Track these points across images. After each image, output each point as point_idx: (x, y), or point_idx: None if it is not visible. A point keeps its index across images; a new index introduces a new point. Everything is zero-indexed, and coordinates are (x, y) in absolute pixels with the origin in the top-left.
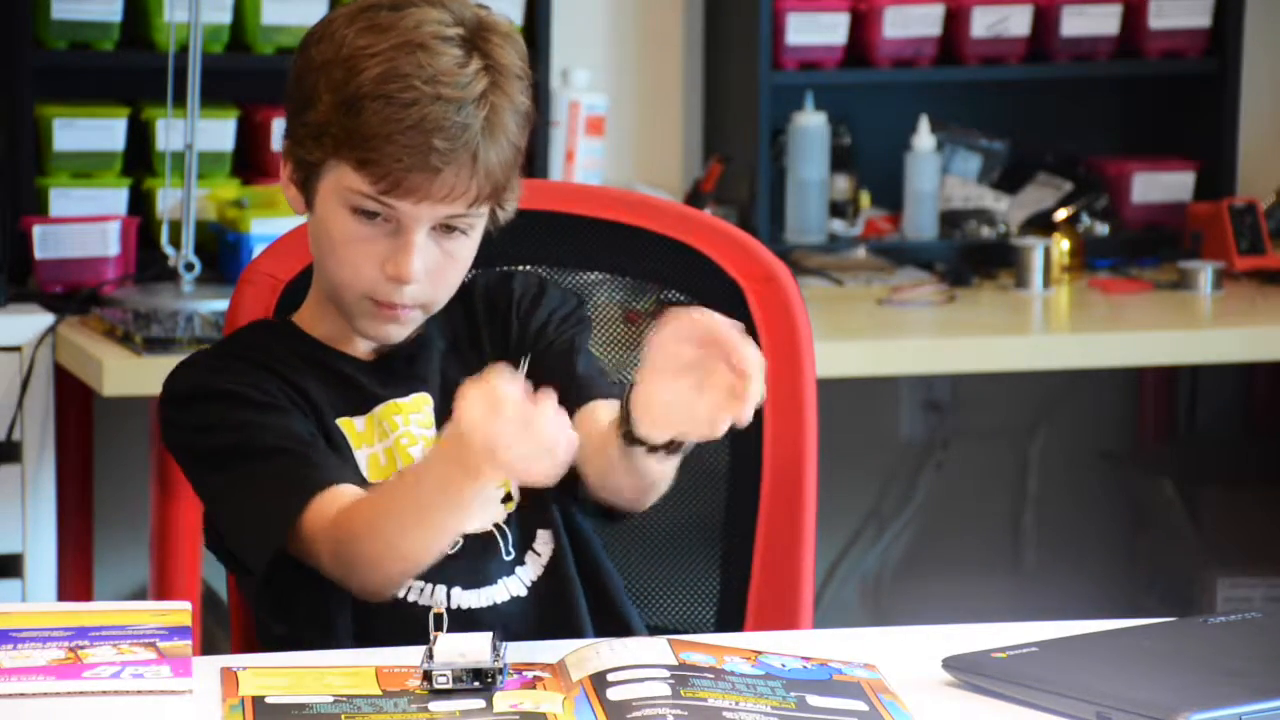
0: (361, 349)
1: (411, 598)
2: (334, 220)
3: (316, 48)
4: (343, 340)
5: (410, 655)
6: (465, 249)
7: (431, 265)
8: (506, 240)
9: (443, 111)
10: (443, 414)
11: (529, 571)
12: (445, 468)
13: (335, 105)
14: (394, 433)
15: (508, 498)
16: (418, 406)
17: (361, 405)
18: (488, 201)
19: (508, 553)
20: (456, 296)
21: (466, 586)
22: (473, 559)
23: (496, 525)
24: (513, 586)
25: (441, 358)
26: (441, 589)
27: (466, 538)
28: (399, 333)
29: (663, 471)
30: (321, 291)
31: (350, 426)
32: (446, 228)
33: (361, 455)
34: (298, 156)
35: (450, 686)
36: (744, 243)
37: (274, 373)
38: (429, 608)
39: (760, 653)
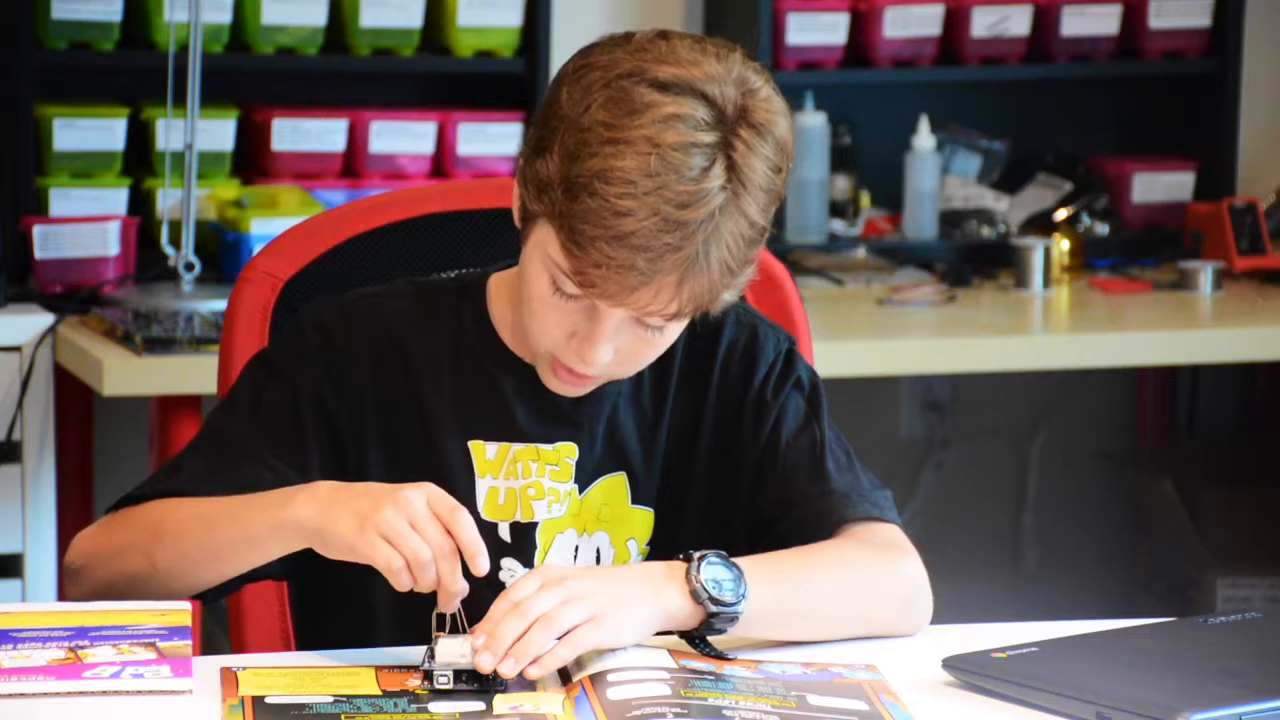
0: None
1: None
2: (534, 278)
3: (568, 91)
4: (524, 343)
5: (410, 655)
6: (665, 338)
7: (623, 348)
8: (505, 240)
9: (656, 230)
10: (588, 463)
11: None
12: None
13: (559, 175)
14: (525, 478)
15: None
16: (558, 458)
17: (501, 434)
18: (689, 316)
19: None
20: None
21: None
22: None
23: None
24: None
25: (617, 398)
26: None
27: None
28: (584, 392)
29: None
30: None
31: (481, 451)
32: (645, 321)
33: (483, 485)
34: (522, 192)
35: (451, 687)
36: None
37: (406, 363)
38: None
39: (760, 662)
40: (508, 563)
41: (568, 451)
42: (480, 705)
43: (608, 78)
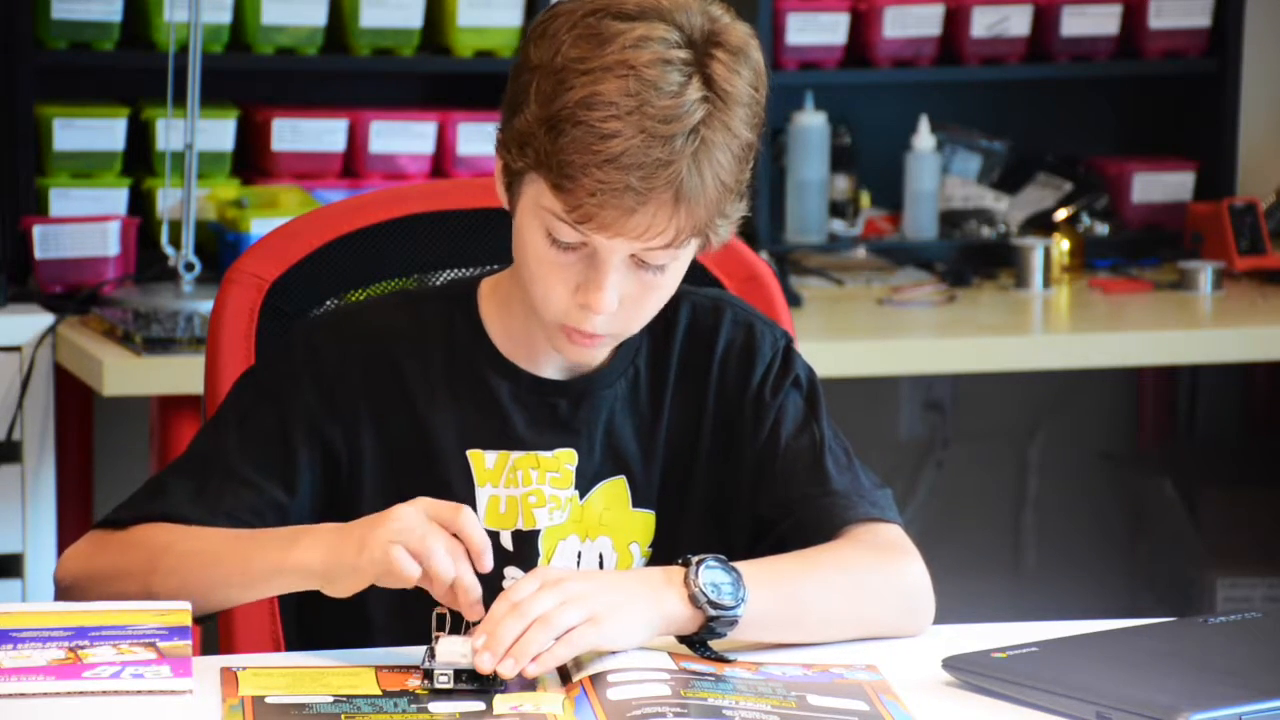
0: (537, 364)
1: None
2: (530, 237)
3: (535, 45)
4: (519, 349)
5: (410, 655)
6: (666, 279)
7: (627, 295)
8: (489, 240)
9: (644, 146)
10: (588, 469)
11: None
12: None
13: (539, 119)
14: (525, 486)
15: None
16: (557, 464)
17: (500, 442)
18: (690, 239)
19: None
20: (653, 323)
21: None
22: None
23: None
24: None
25: (614, 402)
26: None
27: None
28: (595, 356)
29: (757, 632)
30: (515, 289)
31: (480, 460)
32: (645, 261)
33: (483, 494)
34: (504, 158)
35: (451, 687)
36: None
37: (400, 376)
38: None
39: (761, 664)
40: (511, 571)
41: (567, 458)
42: (480, 705)
43: (573, 20)
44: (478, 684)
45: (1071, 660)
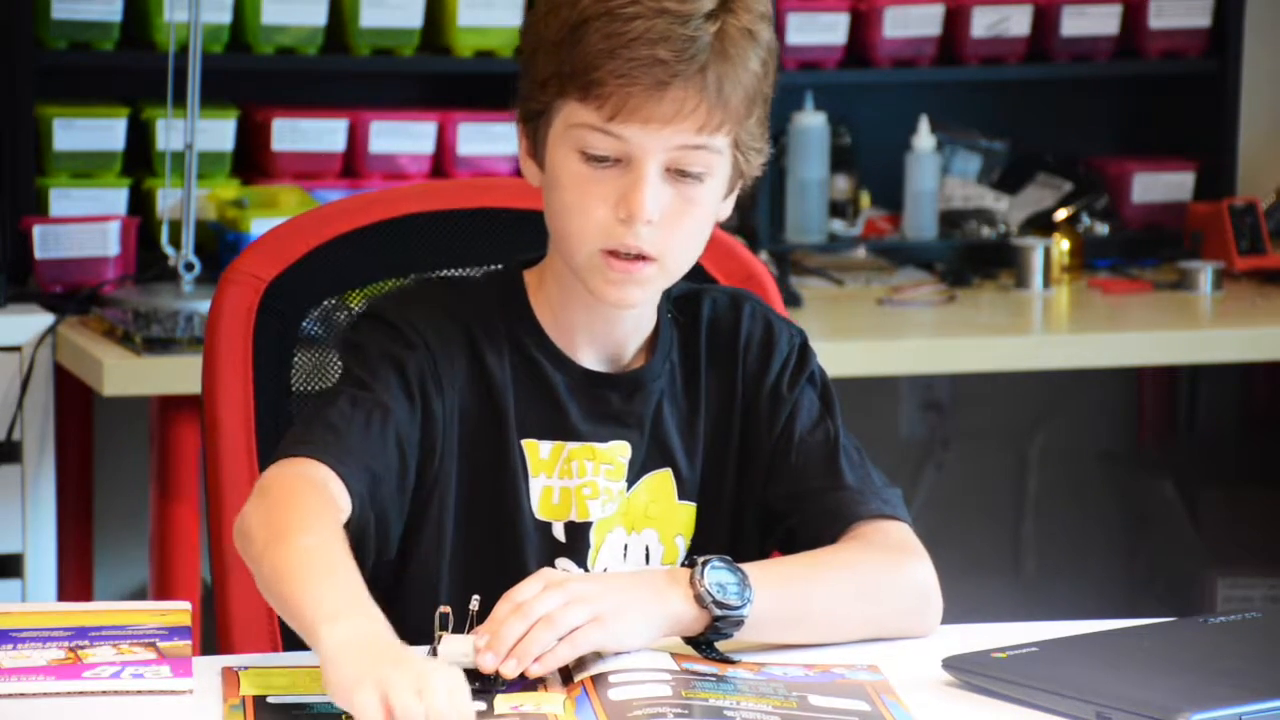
0: (588, 357)
1: None
2: (564, 166)
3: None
4: (566, 341)
5: None
6: (702, 195)
7: (666, 209)
8: (488, 240)
9: (668, 24)
10: (636, 461)
11: None
12: (326, 614)
13: (560, 40)
14: (579, 477)
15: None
16: (611, 457)
17: (555, 432)
18: (721, 131)
19: None
20: (682, 314)
21: None
22: None
23: None
24: None
25: (661, 395)
26: None
27: None
28: (636, 295)
29: (761, 633)
30: (555, 275)
31: (534, 449)
32: (681, 172)
33: (536, 484)
34: (527, 116)
35: None
36: (724, 241)
37: (476, 357)
38: None
39: (763, 665)
40: (562, 563)
41: (621, 450)
42: (481, 705)
43: None
44: (479, 684)
45: (1071, 660)
